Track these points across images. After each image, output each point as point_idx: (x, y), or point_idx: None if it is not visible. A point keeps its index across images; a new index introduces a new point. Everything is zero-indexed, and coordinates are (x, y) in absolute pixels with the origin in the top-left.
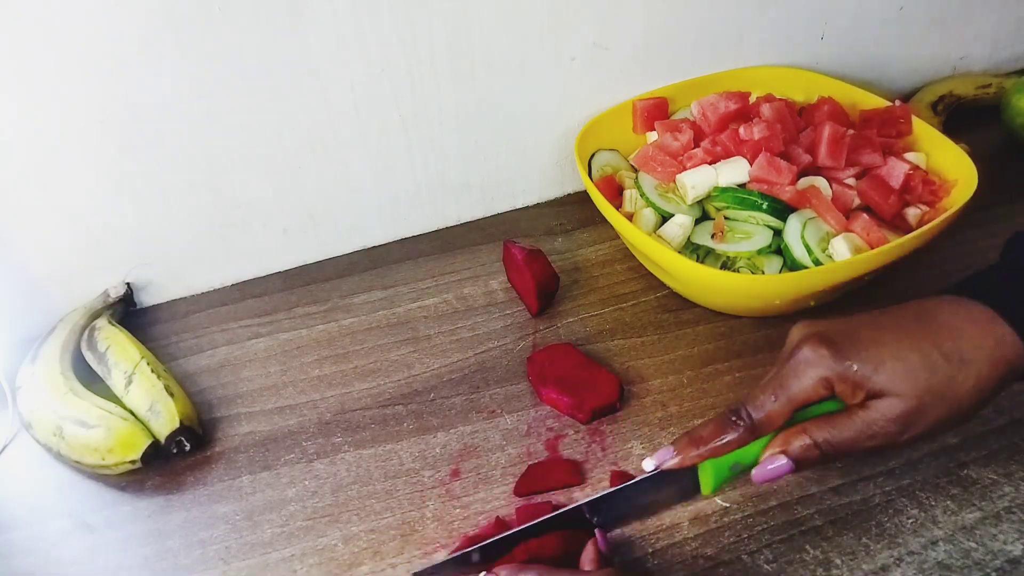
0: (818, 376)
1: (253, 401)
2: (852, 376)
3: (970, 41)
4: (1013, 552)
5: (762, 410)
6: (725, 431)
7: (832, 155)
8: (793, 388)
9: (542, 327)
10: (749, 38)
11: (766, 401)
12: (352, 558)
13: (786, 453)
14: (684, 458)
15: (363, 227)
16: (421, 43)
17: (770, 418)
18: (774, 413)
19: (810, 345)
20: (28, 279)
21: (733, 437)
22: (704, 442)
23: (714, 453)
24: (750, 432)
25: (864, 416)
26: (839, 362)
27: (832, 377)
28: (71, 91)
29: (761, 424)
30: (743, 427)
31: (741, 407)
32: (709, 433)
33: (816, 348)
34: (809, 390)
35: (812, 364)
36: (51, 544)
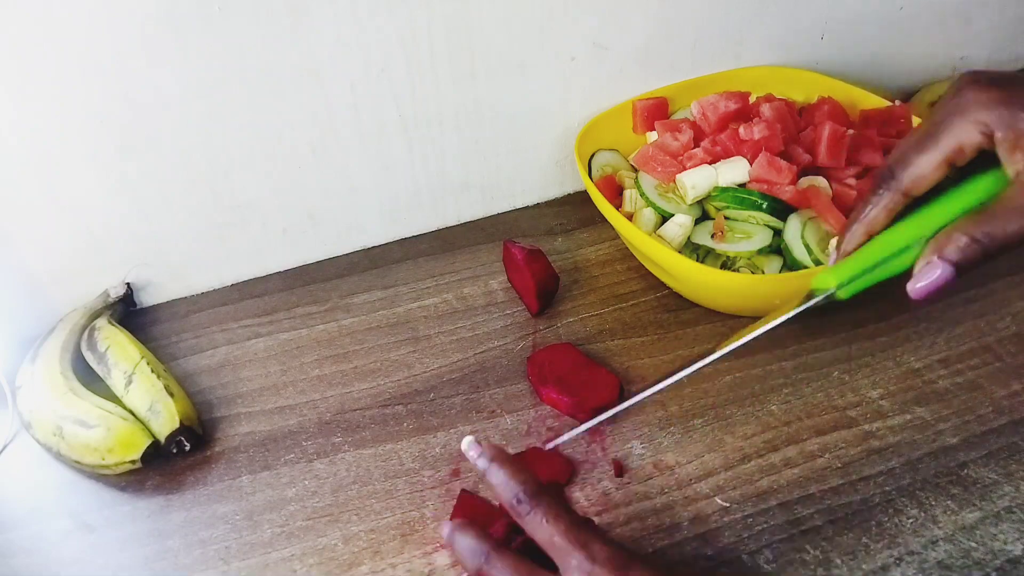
0: (978, 119)
1: (253, 401)
2: (1019, 124)
3: (970, 41)
4: (1013, 552)
5: (909, 166)
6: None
7: (832, 155)
8: (945, 135)
9: (542, 327)
10: (749, 38)
11: (912, 154)
12: (352, 558)
13: (943, 258)
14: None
15: (363, 227)
16: (421, 43)
17: (921, 173)
18: (925, 167)
19: (972, 87)
20: (28, 279)
21: (883, 205)
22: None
23: (870, 227)
24: (900, 193)
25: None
26: (1006, 107)
27: (993, 121)
28: (71, 91)
29: (911, 182)
30: (890, 190)
31: (884, 168)
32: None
33: (979, 90)
34: (964, 137)
35: (973, 106)
36: (51, 544)
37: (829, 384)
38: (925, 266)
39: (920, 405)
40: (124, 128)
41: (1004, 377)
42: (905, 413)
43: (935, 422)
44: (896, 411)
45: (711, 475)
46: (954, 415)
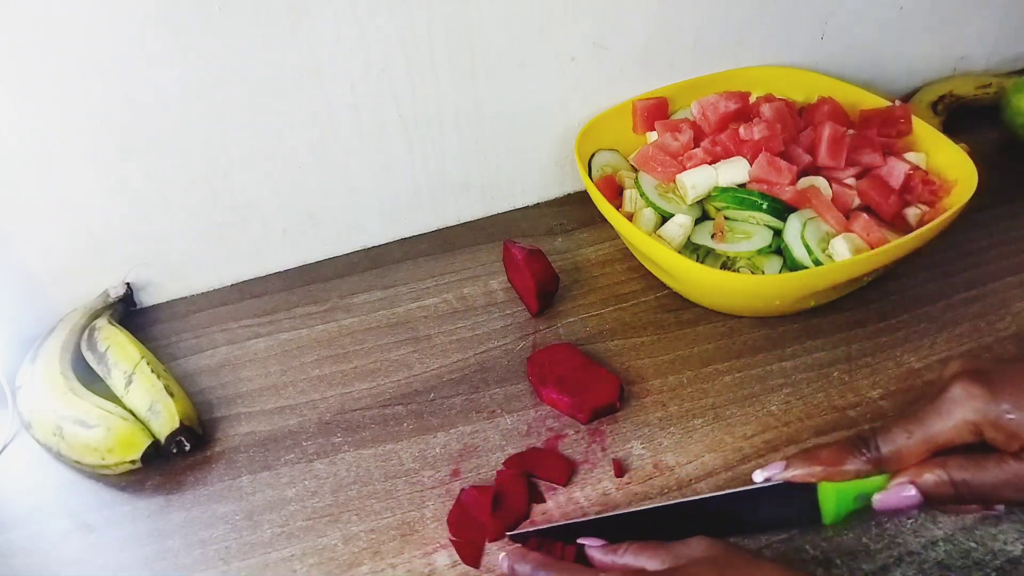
0: (965, 419)
1: (253, 401)
2: (1007, 424)
3: (970, 41)
4: (1013, 552)
5: (893, 444)
6: (846, 458)
7: (832, 155)
8: (934, 427)
9: (542, 327)
10: (749, 38)
11: (899, 436)
12: (352, 558)
13: (916, 485)
14: (795, 474)
15: (363, 227)
16: (421, 43)
17: (900, 455)
18: (906, 451)
19: (962, 383)
20: (28, 279)
21: (854, 467)
22: (820, 463)
23: (829, 477)
24: (875, 465)
25: (1016, 467)
26: (993, 406)
27: (982, 422)
28: (71, 91)
29: (889, 459)
30: (867, 458)
31: (871, 437)
32: (828, 456)
33: (969, 387)
34: (951, 432)
35: (961, 404)
36: (51, 544)
37: (829, 384)
38: (898, 486)
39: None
40: (124, 128)
41: None
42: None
43: None
44: (896, 411)
45: (711, 475)
46: None
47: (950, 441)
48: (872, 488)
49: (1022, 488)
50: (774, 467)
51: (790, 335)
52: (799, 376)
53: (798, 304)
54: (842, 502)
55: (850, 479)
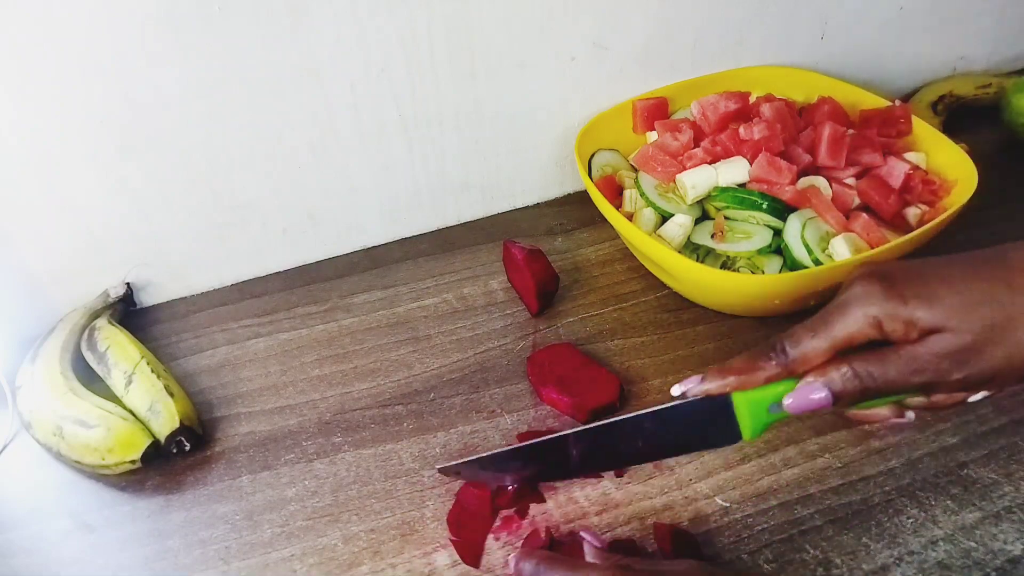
0: (866, 313)
1: (253, 401)
2: (904, 314)
3: (970, 41)
4: (1013, 552)
5: (799, 346)
6: (757, 365)
7: (832, 155)
8: (837, 325)
9: (542, 327)
10: (749, 38)
11: (804, 337)
12: (352, 558)
13: (823, 382)
14: (711, 386)
15: (363, 227)
16: (421, 43)
17: (807, 356)
18: (812, 350)
19: (862, 282)
20: (28, 279)
21: (765, 372)
22: (734, 372)
23: (743, 386)
24: (784, 368)
25: (912, 350)
26: (890, 299)
27: (882, 315)
28: (71, 91)
29: (796, 361)
30: (776, 363)
31: (777, 341)
32: (740, 365)
33: (868, 284)
34: (854, 328)
35: (861, 300)
36: (51, 544)
37: None
38: (805, 385)
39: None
40: (124, 128)
41: None
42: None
43: (935, 422)
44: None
45: (711, 475)
46: (954, 415)
47: (853, 337)
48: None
49: (922, 370)
50: (690, 381)
51: None
52: None
53: (798, 304)
54: (756, 414)
55: (762, 384)
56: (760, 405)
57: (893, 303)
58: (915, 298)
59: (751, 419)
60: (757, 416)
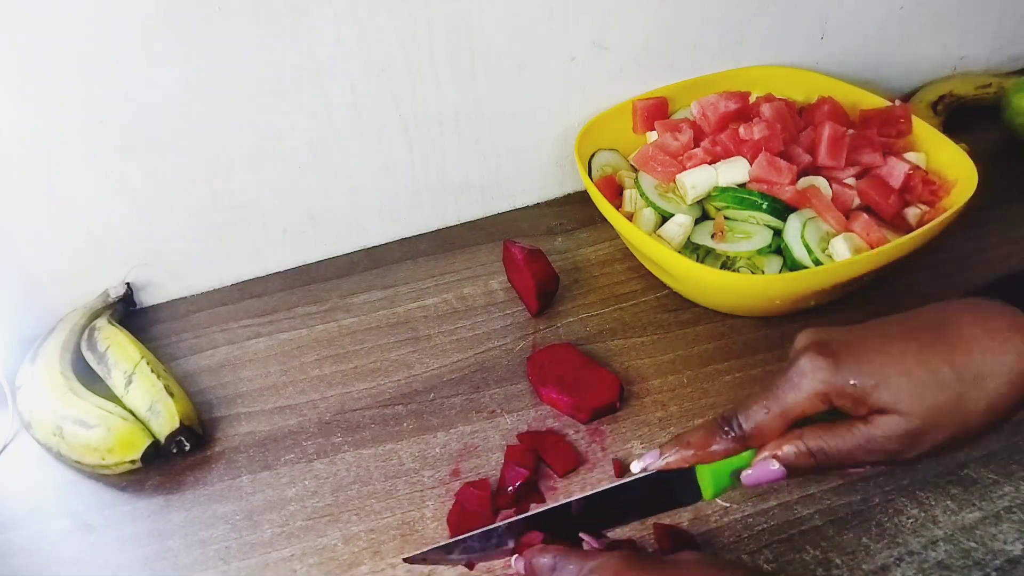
0: (814, 389)
1: (253, 401)
2: (852, 391)
3: (970, 41)
4: (1013, 552)
5: (753, 421)
6: (714, 439)
7: (832, 155)
8: (788, 400)
9: (542, 327)
10: (749, 38)
11: (758, 412)
12: (352, 558)
13: (778, 458)
14: (669, 461)
15: (363, 227)
16: (421, 43)
17: (760, 431)
18: (765, 425)
19: (808, 355)
20: (28, 279)
21: (721, 447)
22: (691, 447)
23: (701, 460)
24: (739, 442)
25: (865, 431)
26: (838, 376)
27: (830, 392)
28: (71, 91)
29: (751, 435)
30: (732, 437)
31: (733, 416)
32: (697, 440)
33: (814, 359)
34: (804, 403)
35: (808, 376)
36: (51, 544)
37: None
38: (760, 462)
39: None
40: (124, 128)
41: None
42: None
43: None
44: None
45: None
46: None
47: (804, 412)
48: (743, 463)
49: (873, 450)
50: (649, 457)
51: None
52: None
53: (798, 304)
54: (718, 479)
55: (720, 459)
56: (722, 472)
57: (841, 380)
58: (862, 376)
59: (713, 483)
60: (719, 481)
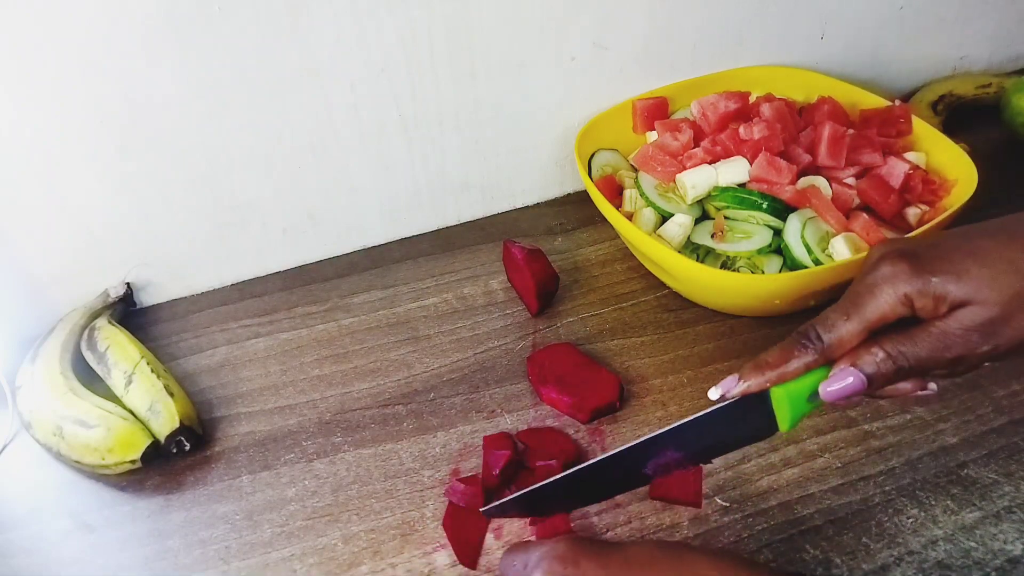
0: (896, 292)
1: (253, 401)
2: (933, 289)
3: (970, 41)
4: (1013, 552)
5: (833, 331)
6: (792, 355)
7: (832, 155)
8: (868, 306)
9: (542, 327)
10: (749, 38)
11: (837, 321)
12: (352, 558)
13: (856, 366)
14: (750, 384)
15: (363, 227)
16: (421, 43)
17: (842, 340)
18: (846, 334)
19: (888, 261)
20: (28, 279)
21: (801, 361)
22: (771, 367)
23: (781, 378)
24: (821, 355)
25: (942, 326)
26: (919, 276)
27: (912, 292)
28: (71, 91)
29: (832, 346)
30: (812, 349)
31: (810, 328)
32: (776, 358)
33: (895, 263)
34: (886, 308)
35: (890, 280)
36: (51, 544)
37: None
38: (840, 371)
39: (919, 405)
40: (124, 128)
41: (1004, 377)
42: (905, 413)
43: (935, 422)
44: (896, 411)
45: (711, 475)
46: (954, 415)
47: (885, 317)
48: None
49: (952, 345)
50: (728, 382)
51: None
52: None
53: (798, 304)
54: (795, 405)
55: (801, 374)
56: (799, 396)
57: (922, 280)
58: (942, 273)
59: (790, 410)
60: (796, 407)
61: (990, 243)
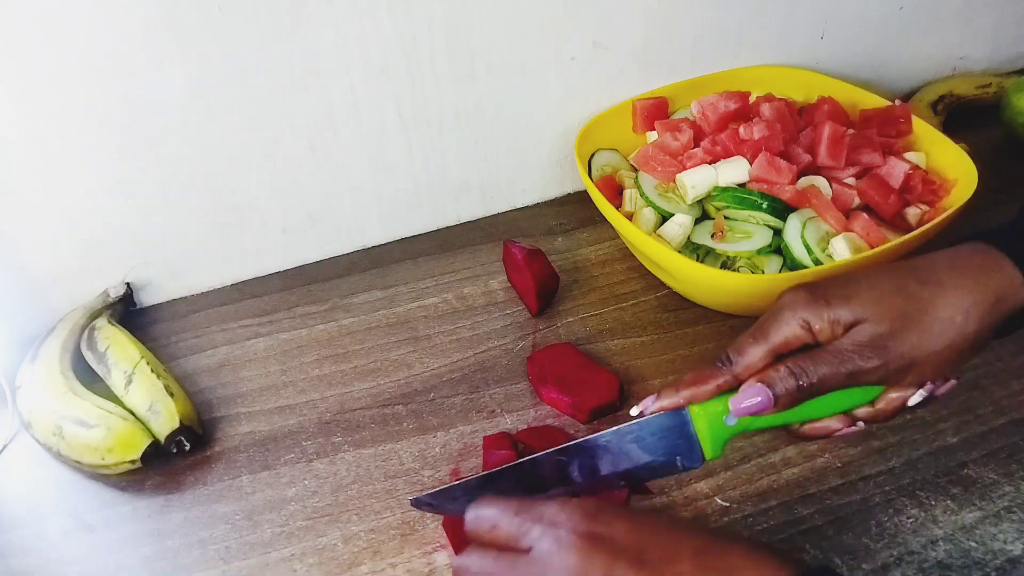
0: (796, 318)
1: (253, 401)
2: (827, 314)
3: (970, 41)
4: (1013, 551)
5: (743, 354)
6: (707, 376)
7: (832, 155)
8: (772, 331)
9: (542, 327)
10: (749, 38)
11: (746, 345)
12: (352, 558)
13: (763, 382)
14: (664, 403)
15: (363, 227)
16: (421, 43)
17: (750, 362)
18: (754, 357)
19: (790, 292)
20: (28, 279)
21: (714, 382)
22: (686, 386)
23: (695, 398)
24: (732, 376)
25: (837, 344)
26: (815, 303)
27: (809, 317)
28: (71, 91)
29: (741, 368)
30: (724, 371)
31: (723, 352)
32: (691, 379)
33: (796, 293)
34: (788, 333)
35: (790, 307)
36: (51, 544)
37: None
38: (747, 388)
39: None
40: (124, 128)
41: (1004, 377)
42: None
43: (935, 422)
44: None
45: (711, 475)
46: (954, 415)
47: (788, 341)
48: None
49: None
50: (646, 401)
51: None
52: None
53: None
54: (715, 429)
55: (714, 395)
56: (717, 418)
57: (818, 305)
58: (836, 299)
59: (711, 434)
60: (716, 430)
61: (882, 272)
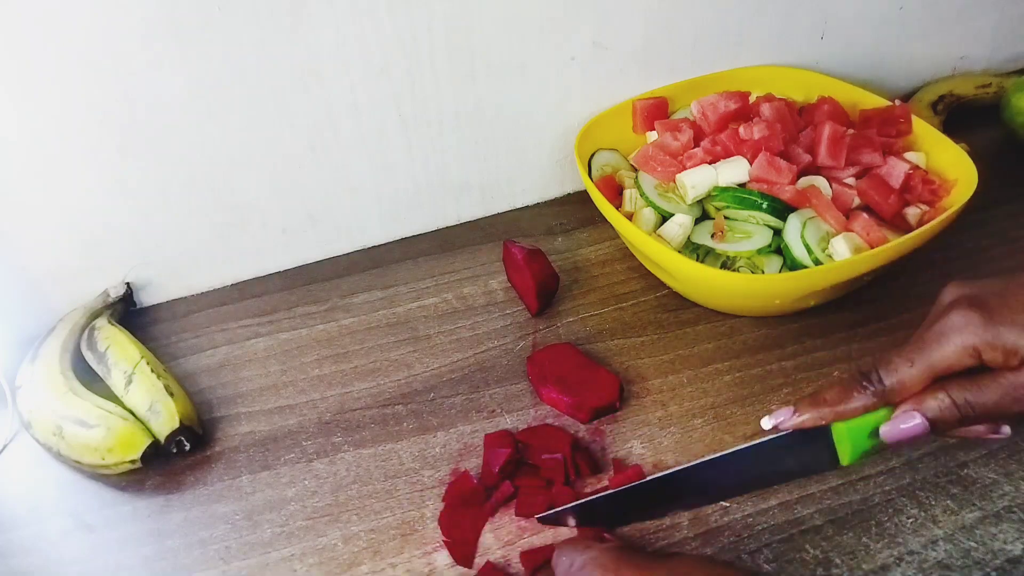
0: (965, 344)
1: (253, 401)
2: (1004, 342)
3: (970, 41)
4: (1013, 551)
5: (895, 375)
6: (851, 395)
7: (832, 155)
8: (935, 355)
9: (542, 327)
10: (749, 38)
11: (901, 366)
12: (352, 558)
13: (921, 411)
14: (805, 419)
15: (363, 227)
16: (421, 43)
17: (904, 385)
18: (909, 380)
19: (960, 310)
20: (28, 279)
21: (860, 402)
22: (828, 404)
23: (838, 417)
24: (880, 398)
25: (1013, 378)
26: (990, 329)
27: (980, 345)
28: (71, 91)
29: (892, 391)
30: (871, 392)
31: (872, 370)
32: (834, 396)
33: (967, 313)
34: (952, 358)
35: (959, 330)
36: (51, 544)
37: None
38: (903, 414)
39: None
40: (124, 128)
41: None
42: None
43: None
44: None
45: None
46: None
47: (951, 367)
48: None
49: (1020, 399)
50: (782, 413)
51: (790, 335)
52: (799, 376)
53: (798, 304)
54: (856, 440)
55: (859, 415)
56: (860, 432)
57: (992, 333)
58: (1015, 326)
59: (851, 445)
60: (857, 443)
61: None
